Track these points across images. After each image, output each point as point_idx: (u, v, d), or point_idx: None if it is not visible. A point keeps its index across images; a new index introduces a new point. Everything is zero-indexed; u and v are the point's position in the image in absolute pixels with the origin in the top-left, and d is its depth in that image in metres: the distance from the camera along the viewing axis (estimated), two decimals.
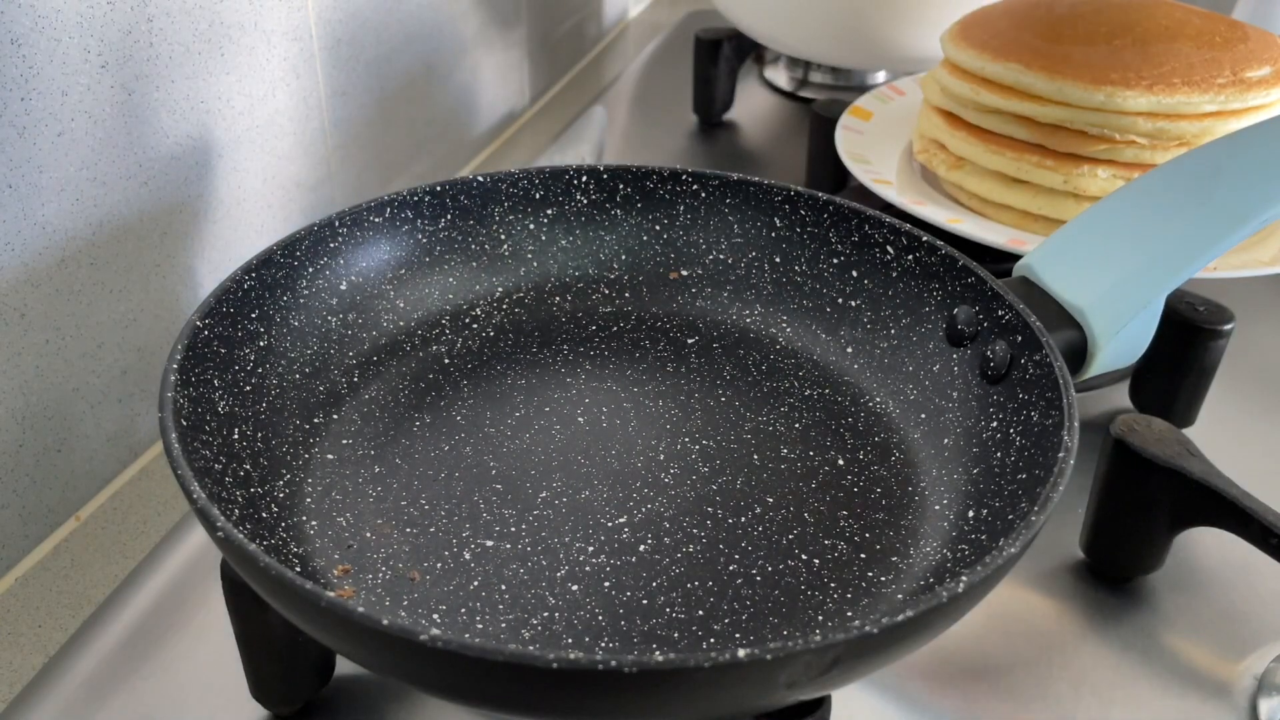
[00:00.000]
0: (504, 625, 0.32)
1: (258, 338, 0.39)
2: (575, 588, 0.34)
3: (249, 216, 0.54)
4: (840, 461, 0.39)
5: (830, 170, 0.65)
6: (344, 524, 0.36)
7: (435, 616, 0.33)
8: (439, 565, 0.34)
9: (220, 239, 0.52)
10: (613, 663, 0.23)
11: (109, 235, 0.45)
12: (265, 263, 0.39)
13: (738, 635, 0.32)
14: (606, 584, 0.34)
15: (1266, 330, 0.56)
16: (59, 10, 0.40)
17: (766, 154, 0.78)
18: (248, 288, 0.39)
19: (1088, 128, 0.50)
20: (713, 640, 0.32)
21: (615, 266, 0.48)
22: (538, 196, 0.47)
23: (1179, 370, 0.46)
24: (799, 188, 0.46)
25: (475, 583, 0.34)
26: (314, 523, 0.35)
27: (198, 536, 0.42)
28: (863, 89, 0.85)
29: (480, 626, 0.32)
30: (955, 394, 0.39)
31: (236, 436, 0.35)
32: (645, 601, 0.33)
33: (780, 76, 0.89)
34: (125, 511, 0.46)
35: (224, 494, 0.32)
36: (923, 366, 0.41)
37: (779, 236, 0.46)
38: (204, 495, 0.28)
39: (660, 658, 0.23)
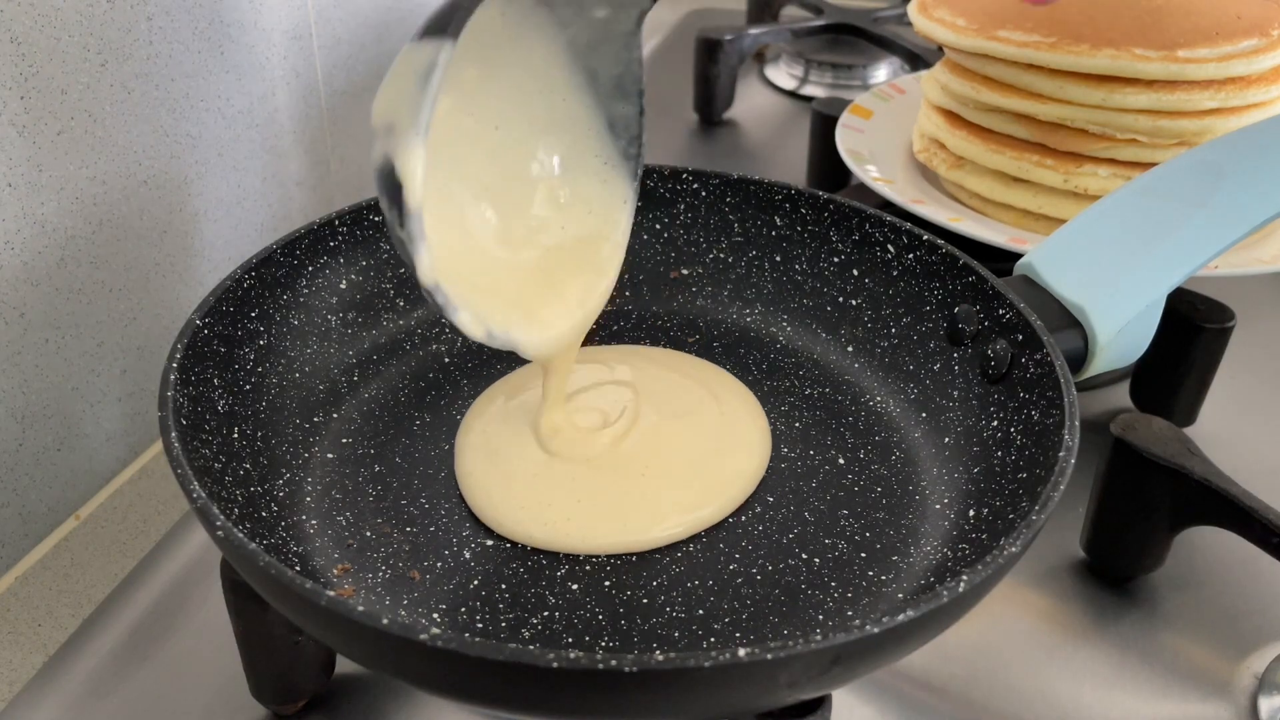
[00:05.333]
0: (504, 625, 0.32)
1: (258, 336, 0.39)
2: (575, 587, 0.34)
3: (249, 216, 0.54)
4: (841, 460, 0.39)
5: (831, 169, 0.65)
6: (344, 523, 0.36)
7: (435, 616, 0.33)
8: (439, 564, 0.34)
9: (220, 239, 0.52)
10: (613, 662, 0.23)
11: (109, 235, 0.45)
12: (265, 261, 0.39)
13: (738, 635, 0.32)
14: (606, 583, 0.34)
15: (1267, 329, 0.56)
16: (59, 8, 0.40)
17: (767, 153, 0.78)
18: (248, 286, 0.38)
19: (1088, 126, 0.50)
20: (713, 640, 0.32)
21: None
22: None
23: (1180, 369, 0.46)
24: (799, 186, 0.45)
25: (475, 582, 0.34)
26: (314, 522, 0.35)
27: (198, 536, 0.42)
28: (864, 87, 0.85)
29: (480, 626, 0.32)
30: (956, 393, 0.39)
31: (236, 435, 0.35)
32: (645, 601, 0.33)
33: (780, 75, 0.89)
34: (125, 510, 0.46)
35: (224, 493, 0.32)
36: (923, 365, 0.41)
37: (779, 235, 0.46)
38: (204, 494, 0.28)
39: (660, 658, 0.23)
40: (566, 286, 0.37)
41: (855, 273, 0.44)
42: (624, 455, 0.38)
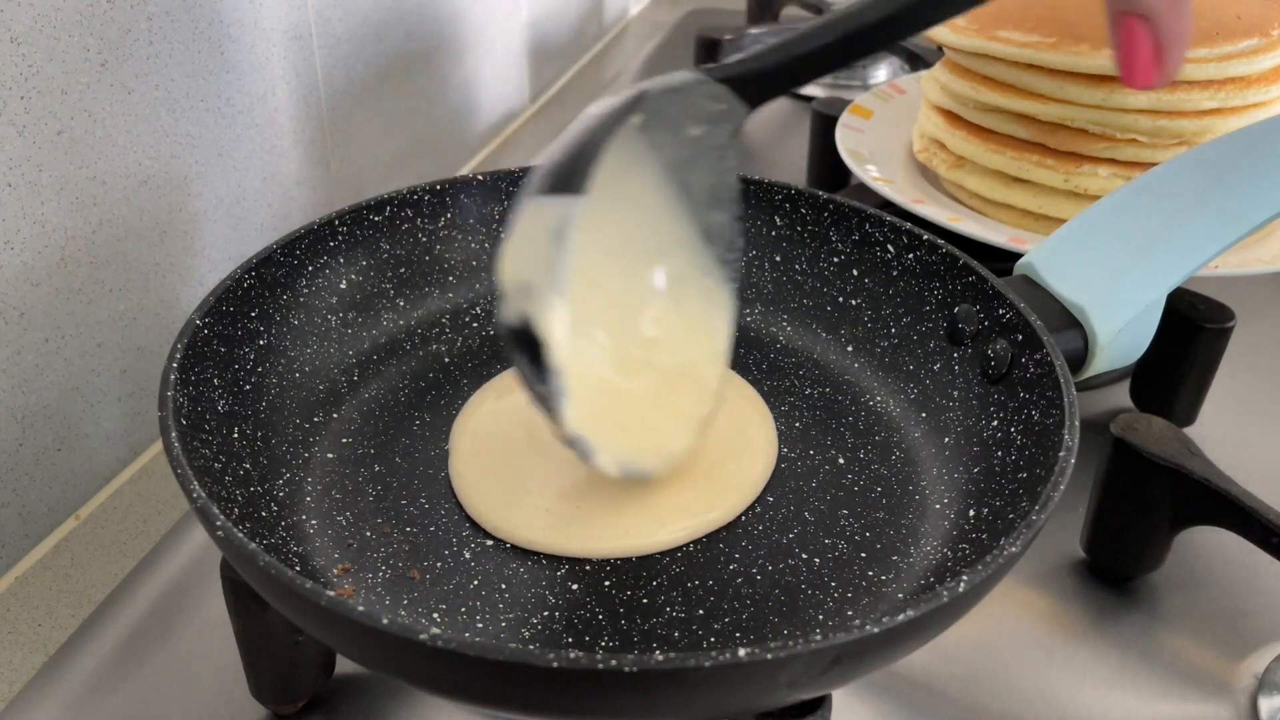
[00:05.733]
0: (504, 625, 0.32)
1: (257, 336, 0.39)
2: (575, 587, 0.34)
3: (249, 216, 0.54)
4: (841, 460, 0.39)
5: (831, 169, 0.65)
6: (344, 523, 0.36)
7: (435, 616, 0.32)
8: (439, 564, 0.34)
9: (220, 238, 0.52)
10: (613, 662, 0.23)
11: (109, 235, 0.45)
12: (265, 261, 0.39)
13: (738, 635, 0.32)
14: (606, 584, 0.34)
15: (1267, 329, 0.56)
16: (59, 8, 0.40)
17: (767, 152, 0.78)
18: (247, 286, 0.38)
19: (1089, 125, 0.50)
20: (713, 640, 0.32)
21: None
22: None
23: (1180, 369, 0.46)
24: (799, 186, 0.45)
25: (475, 582, 0.34)
26: (314, 521, 0.35)
27: (198, 536, 0.42)
28: (863, 87, 0.85)
29: (480, 626, 0.32)
30: (956, 393, 0.39)
31: (236, 435, 0.35)
32: (645, 601, 0.33)
33: None
34: (125, 510, 0.46)
35: (224, 493, 0.32)
36: (923, 365, 0.41)
37: (779, 235, 0.46)
38: (204, 494, 0.28)
39: (660, 658, 0.23)
40: (680, 402, 0.37)
41: (855, 273, 0.44)
42: None
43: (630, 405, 0.36)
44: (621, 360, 0.36)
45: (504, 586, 0.34)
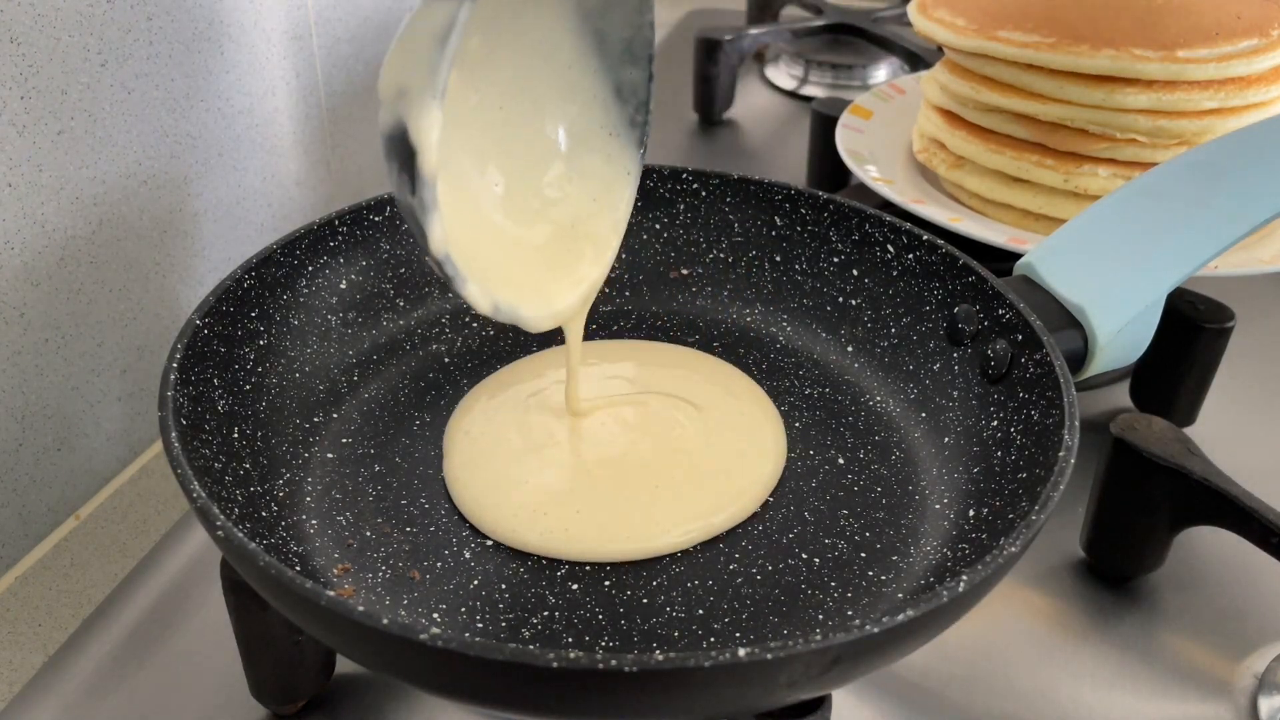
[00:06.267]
0: (504, 625, 0.32)
1: (257, 336, 0.39)
2: (575, 587, 0.34)
3: (249, 215, 0.54)
4: (840, 460, 0.39)
5: (831, 169, 0.65)
6: (344, 523, 0.36)
7: (435, 615, 0.33)
8: (439, 564, 0.34)
9: (220, 238, 0.52)
10: (613, 662, 0.23)
11: (109, 235, 0.45)
12: (265, 261, 0.39)
13: (738, 635, 0.32)
14: (606, 583, 0.34)
15: (1267, 329, 0.56)
16: (59, 8, 0.40)
17: (767, 152, 0.78)
18: (247, 286, 0.38)
19: (1089, 125, 0.50)
20: (713, 640, 0.32)
21: (615, 265, 0.48)
22: None
23: (1180, 369, 0.46)
24: (799, 186, 0.45)
25: (475, 582, 0.34)
26: (314, 521, 0.35)
27: (198, 536, 0.42)
28: (864, 87, 0.85)
29: (480, 626, 0.32)
30: (956, 393, 0.39)
31: (236, 435, 0.35)
32: (645, 601, 0.33)
33: (781, 75, 0.89)
34: (125, 510, 0.46)
35: (224, 493, 0.32)
36: (923, 365, 0.41)
37: (779, 235, 0.46)
38: (204, 494, 0.28)
39: (660, 658, 0.23)
40: (570, 261, 0.37)
41: (855, 273, 0.44)
42: (632, 459, 0.38)
43: (518, 251, 0.35)
44: (515, 206, 0.35)
45: (504, 586, 0.34)
